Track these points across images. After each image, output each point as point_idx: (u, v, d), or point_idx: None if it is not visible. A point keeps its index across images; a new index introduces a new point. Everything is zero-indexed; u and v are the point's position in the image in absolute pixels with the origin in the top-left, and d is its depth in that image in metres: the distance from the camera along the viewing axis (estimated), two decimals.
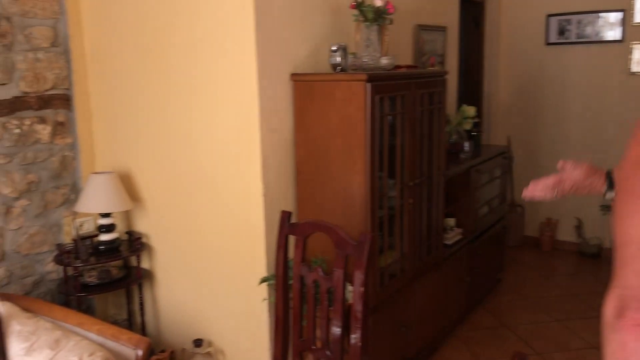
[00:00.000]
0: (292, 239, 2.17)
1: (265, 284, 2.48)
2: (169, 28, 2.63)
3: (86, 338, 2.24)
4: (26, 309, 2.34)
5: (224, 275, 2.71)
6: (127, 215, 2.98)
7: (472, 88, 5.24)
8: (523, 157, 5.19)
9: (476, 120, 4.09)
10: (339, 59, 2.55)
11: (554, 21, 4.94)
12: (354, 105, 2.44)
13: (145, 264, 2.96)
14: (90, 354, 2.06)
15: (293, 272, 2.05)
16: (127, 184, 2.90)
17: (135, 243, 2.84)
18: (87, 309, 3.03)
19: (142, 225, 2.95)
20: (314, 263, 2.05)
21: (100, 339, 2.27)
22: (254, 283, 2.55)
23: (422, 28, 3.79)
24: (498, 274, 4.29)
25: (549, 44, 5.00)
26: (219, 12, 2.47)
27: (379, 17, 2.75)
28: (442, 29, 4.08)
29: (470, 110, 3.99)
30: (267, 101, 2.50)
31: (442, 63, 4.11)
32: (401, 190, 2.77)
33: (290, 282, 2.17)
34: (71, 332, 2.26)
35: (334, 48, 2.56)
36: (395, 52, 3.43)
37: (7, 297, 2.35)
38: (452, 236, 3.50)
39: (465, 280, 3.60)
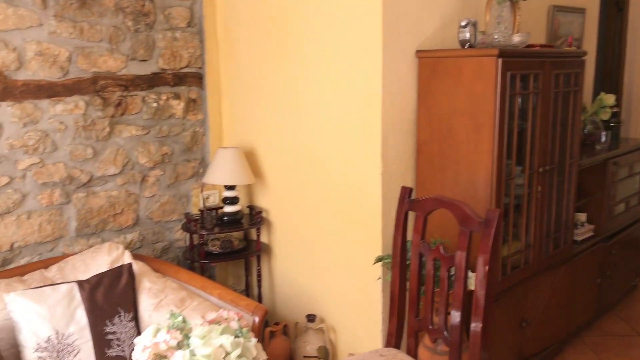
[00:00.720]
0: (410, 222, 2.12)
1: (379, 263, 2.44)
2: (296, 7, 2.67)
3: (207, 300, 2.35)
4: (156, 270, 2.50)
5: (338, 253, 2.71)
6: (249, 190, 3.09)
7: (610, 77, 4.81)
8: None
9: (615, 110, 3.74)
10: (468, 35, 2.44)
11: None
12: (483, 82, 2.32)
13: (264, 238, 3.05)
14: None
15: (412, 250, 1.99)
16: (251, 160, 3.00)
17: (255, 217, 2.93)
18: (208, 277, 3.19)
19: (262, 201, 3.04)
20: (433, 244, 1.98)
21: (220, 302, 2.37)
22: (368, 262, 2.52)
23: (558, 9, 3.53)
24: (635, 280, 3.90)
25: None
26: None
27: None
28: (580, 11, 3.78)
29: (610, 99, 3.66)
30: (390, 78, 2.45)
31: (578, 48, 3.81)
32: (529, 176, 2.59)
33: (408, 261, 2.11)
34: (195, 294, 2.38)
35: (463, 23, 2.45)
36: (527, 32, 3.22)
37: (140, 258, 2.53)
38: (583, 232, 3.23)
39: (595, 281, 3.31)
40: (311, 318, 2.75)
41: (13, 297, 1.97)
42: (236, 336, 1.31)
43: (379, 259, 2.42)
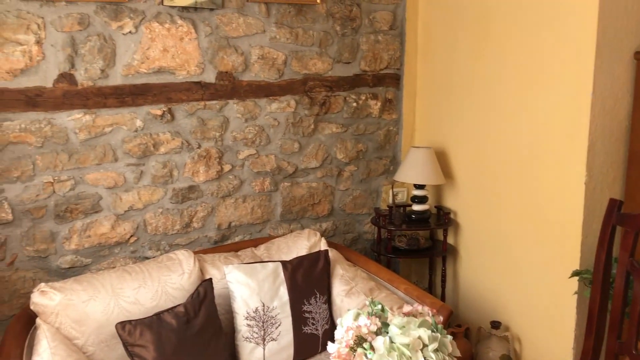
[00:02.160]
0: (616, 238, 1.98)
1: (576, 277, 2.31)
2: (500, 4, 2.63)
3: (394, 293, 2.46)
4: (347, 258, 2.67)
5: (530, 262, 2.62)
6: (438, 190, 3.12)
7: None
8: None
9: None
10: None
11: None
12: None
13: (450, 239, 3.06)
14: (399, 307, 2.25)
15: (617, 268, 1.86)
16: (442, 161, 3.03)
17: (443, 218, 2.96)
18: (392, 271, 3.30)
19: (451, 202, 3.05)
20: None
21: (405, 297, 2.46)
22: (563, 274, 2.40)
23: None
24: None
25: None
26: None
27: None
28: None
29: None
30: (603, 81, 2.30)
31: None
32: None
33: (611, 279, 1.98)
34: (382, 285, 2.50)
35: None
36: None
37: (333, 246, 2.73)
38: None
39: None
40: (495, 325, 2.70)
41: (231, 269, 2.28)
42: (432, 331, 1.37)
43: (575, 273, 2.30)
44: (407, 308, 1.52)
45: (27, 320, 1.99)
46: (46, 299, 1.96)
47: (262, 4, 2.60)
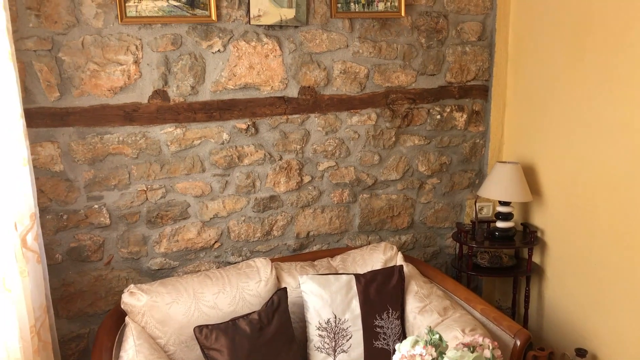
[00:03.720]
0: None
1: None
2: (603, 13, 2.47)
3: (469, 314, 2.41)
4: (423, 274, 2.66)
5: (622, 289, 2.45)
6: (525, 207, 3.00)
7: None
8: None
9: None
10: None
11: None
12: None
13: (536, 259, 2.94)
14: (472, 329, 2.20)
15: None
16: (530, 177, 2.91)
17: (529, 236, 2.85)
18: (474, 288, 3.23)
19: (538, 220, 2.92)
20: None
21: (482, 318, 2.40)
22: None
23: None
24: None
25: None
26: None
27: None
28: None
29: None
30: None
31: None
32: None
33: None
34: (458, 304, 2.46)
35: None
36: None
37: (410, 260, 2.72)
38: None
39: None
40: (581, 353, 2.56)
41: (305, 279, 2.35)
42: None
43: None
44: (466, 339, 1.50)
45: (119, 317, 2.18)
46: (134, 299, 2.14)
47: (346, 19, 2.64)
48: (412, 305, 2.43)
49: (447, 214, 3.10)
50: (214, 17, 2.35)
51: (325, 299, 2.31)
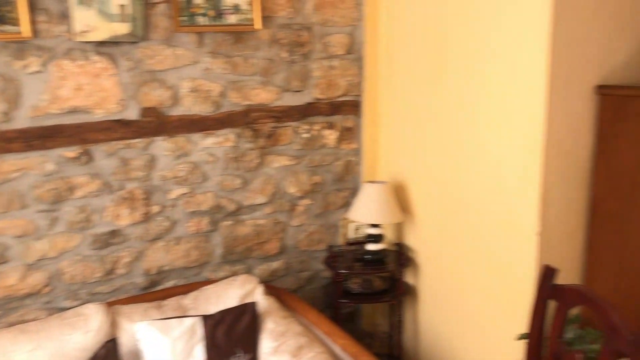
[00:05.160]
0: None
1: (525, 341, 2.05)
2: (460, 33, 2.37)
3: (329, 350, 2.24)
4: (287, 306, 2.47)
5: (485, 314, 2.37)
6: (399, 226, 2.88)
7: None
8: None
9: None
10: None
11: None
12: None
13: (411, 280, 2.82)
14: None
15: (549, 348, 1.60)
16: (403, 195, 2.80)
17: (401, 257, 2.72)
18: (353, 312, 3.09)
19: (411, 240, 2.81)
20: (571, 323, 1.56)
21: (342, 354, 2.25)
22: (514, 334, 2.14)
23: None
24: None
25: None
26: (509, 9, 2.10)
27: None
28: None
29: None
30: (558, 119, 2.03)
31: None
32: None
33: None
34: (317, 340, 2.29)
35: None
36: None
37: (274, 291, 2.53)
38: None
39: None
40: None
41: (142, 326, 2.11)
42: None
43: (523, 337, 2.04)
44: None
45: None
46: None
47: (193, 34, 2.42)
48: (266, 345, 2.24)
49: (322, 235, 2.93)
50: (28, 33, 2.06)
51: (165, 348, 2.08)
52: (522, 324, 2.11)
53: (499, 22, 2.15)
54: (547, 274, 1.67)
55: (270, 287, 2.55)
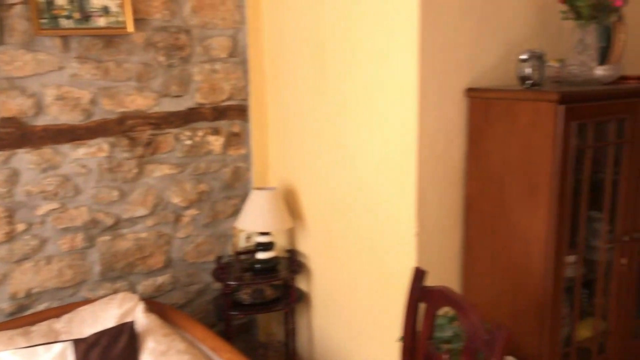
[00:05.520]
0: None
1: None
2: (337, 38, 2.36)
3: None
4: (171, 322, 2.36)
5: (370, 318, 2.38)
6: (291, 232, 2.84)
7: None
8: None
9: None
10: (528, 71, 1.97)
11: None
12: (541, 133, 1.86)
13: (304, 286, 2.79)
14: None
15: (419, 349, 1.61)
16: (293, 200, 2.76)
17: (293, 264, 2.68)
18: (248, 323, 3.01)
19: (303, 245, 2.78)
20: (441, 323, 1.59)
21: None
22: (397, 336, 2.16)
23: None
24: None
25: None
26: (380, 14, 2.11)
27: (600, 13, 2.07)
28: None
29: None
30: (431, 122, 2.07)
31: None
32: (611, 246, 2.06)
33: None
34: (202, 356, 2.20)
35: (523, 57, 1.99)
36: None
37: (157, 307, 2.40)
38: None
39: None
40: None
41: (4, 356, 1.93)
42: None
43: (401, 339, 2.06)
44: None
45: None
46: None
47: (57, 37, 2.24)
48: None
49: (211, 246, 2.83)
50: None
51: None
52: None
53: (371, 29, 2.16)
54: (417, 276, 1.69)
55: (154, 303, 2.43)
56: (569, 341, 2.07)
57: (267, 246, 2.67)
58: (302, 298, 2.76)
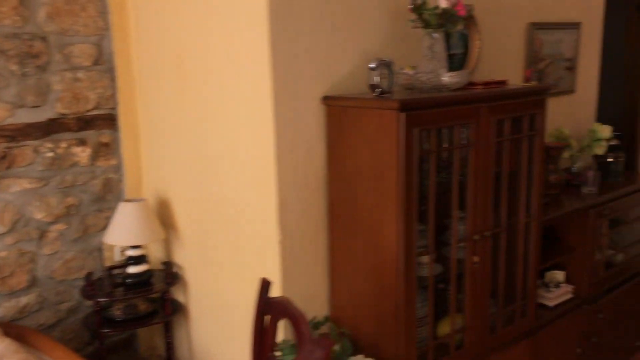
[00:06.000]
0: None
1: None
2: (195, 44, 2.33)
3: None
4: (31, 345, 2.24)
5: (243, 328, 2.36)
6: (167, 244, 2.77)
7: (629, 96, 4.20)
8: None
9: (614, 143, 3.18)
10: (377, 79, 2.02)
11: None
12: (386, 140, 1.91)
13: (181, 298, 2.73)
14: None
15: None
16: (167, 211, 2.69)
17: (168, 276, 2.62)
18: (129, 339, 2.91)
19: (178, 257, 2.72)
20: (282, 348, 1.60)
21: None
22: None
23: (539, 27, 3.01)
24: None
25: None
26: (232, 22, 2.10)
27: (447, 21, 2.15)
28: (572, 26, 3.23)
29: (605, 131, 3.11)
30: (289, 129, 2.07)
31: (571, 69, 3.26)
32: (461, 246, 2.15)
33: None
34: None
35: (372, 65, 2.03)
36: (497, 61, 2.77)
37: (14, 331, 2.27)
38: (558, 296, 2.73)
39: (574, 352, 2.80)
40: None
41: None
42: None
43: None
44: None
45: None
46: None
47: None
48: None
49: (82, 262, 2.71)
50: None
51: None
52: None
53: (225, 38, 2.16)
54: (263, 287, 1.69)
55: (11, 326, 2.30)
56: (432, 338, 2.15)
57: (138, 259, 2.59)
58: (179, 310, 2.70)
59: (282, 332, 2.02)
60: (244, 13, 2.04)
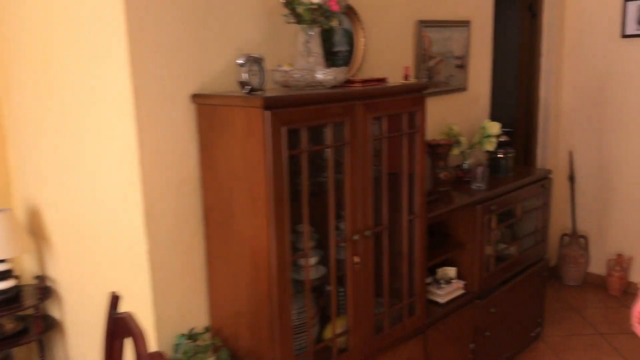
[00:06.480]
0: None
1: None
2: (54, 38, 2.16)
3: None
4: None
5: None
6: (40, 256, 2.57)
7: (524, 94, 4.33)
8: (590, 176, 4.19)
9: (504, 139, 3.25)
10: (245, 76, 1.93)
11: (632, 7, 3.89)
12: (253, 139, 1.82)
13: (57, 314, 2.54)
14: None
15: None
16: (38, 221, 2.49)
17: (38, 291, 2.42)
18: (5, 358, 2.68)
19: (53, 269, 2.52)
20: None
21: None
22: None
23: (427, 25, 3.03)
24: (535, 330, 3.42)
25: (626, 36, 3.96)
26: (92, 19, 1.95)
27: (321, 17, 2.09)
28: (462, 24, 3.28)
29: (494, 127, 3.17)
30: (155, 130, 1.95)
31: (462, 67, 3.31)
32: (342, 246, 2.10)
33: None
34: None
35: (240, 61, 1.94)
36: (384, 58, 2.75)
37: None
38: (449, 292, 2.74)
39: (467, 347, 2.82)
40: None
41: None
42: None
43: None
44: None
45: None
46: None
47: None
48: None
49: None
50: None
51: None
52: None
53: (85, 36, 2.01)
54: (112, 303, 1.56)
55: None
56: (318, 341, 2.09)
57: (3, 274, 2.37)
58: (54, 327, 2.51)
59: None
60: (100, 7, 1.90)
